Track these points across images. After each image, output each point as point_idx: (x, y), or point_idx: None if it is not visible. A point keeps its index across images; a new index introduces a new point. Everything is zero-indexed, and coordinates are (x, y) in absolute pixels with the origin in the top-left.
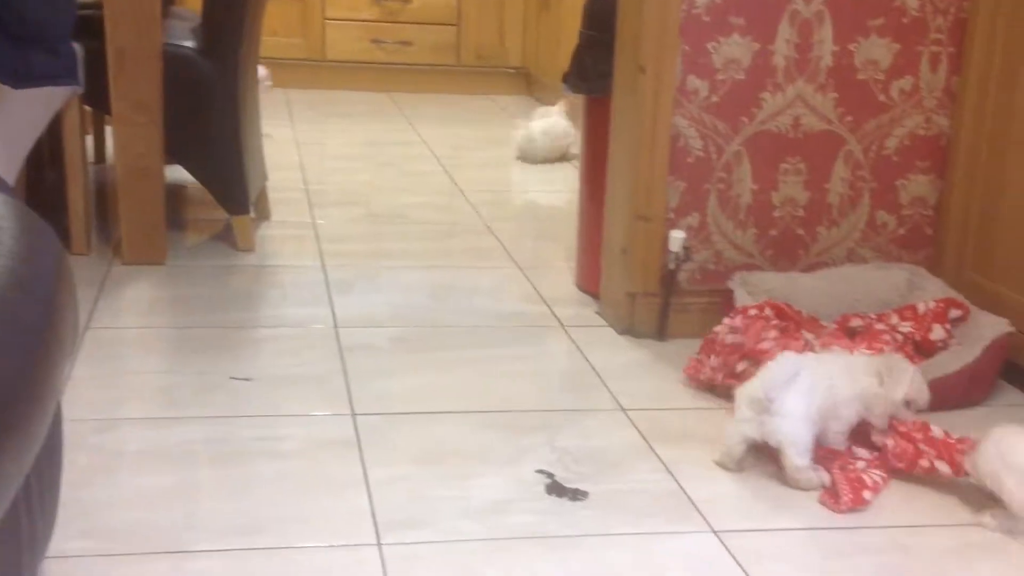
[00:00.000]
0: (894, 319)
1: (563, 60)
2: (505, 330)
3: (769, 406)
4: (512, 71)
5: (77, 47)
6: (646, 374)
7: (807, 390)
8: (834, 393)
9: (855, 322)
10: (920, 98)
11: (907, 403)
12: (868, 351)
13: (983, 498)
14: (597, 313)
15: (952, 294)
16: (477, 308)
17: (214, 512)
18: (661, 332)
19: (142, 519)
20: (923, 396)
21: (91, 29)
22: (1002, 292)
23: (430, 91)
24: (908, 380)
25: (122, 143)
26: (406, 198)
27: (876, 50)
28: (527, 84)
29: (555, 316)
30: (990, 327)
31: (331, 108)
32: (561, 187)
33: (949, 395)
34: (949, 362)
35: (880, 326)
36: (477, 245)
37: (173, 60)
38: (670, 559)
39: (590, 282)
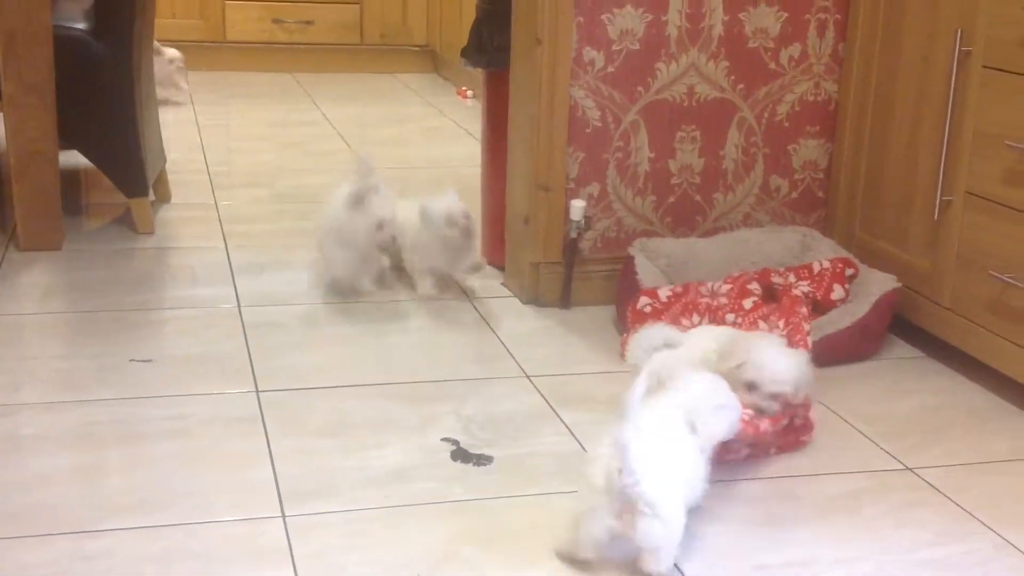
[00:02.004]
0: (791, 278)
1: (466, 37)
2: (411, 304)
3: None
4: (416, 49)
5: None
6: (550, 341)
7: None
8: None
9: (775, 278)
10: (809, 64)
11: (773, 396)
12: (785, 327)
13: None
14: (502, 284)
15: (843, 253)
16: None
17: (116, 491)
18: (565, 300)
19: (42, 501)
20: (783, 385)
21: None
22: (888, 249)
23: (334, 71)
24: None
25: (14, 127)
26: (311, 178)
27: (765, 18)
28: (432, 62)
29: (461, 288)
30: (878, 283)
31: (233, 90)
32: (467, 162)
33: (840, 350)
34: (839, 318)
35: (796, 292)
36: None
37: (65, 42)
38: (571, 517)
39: (495, 254)
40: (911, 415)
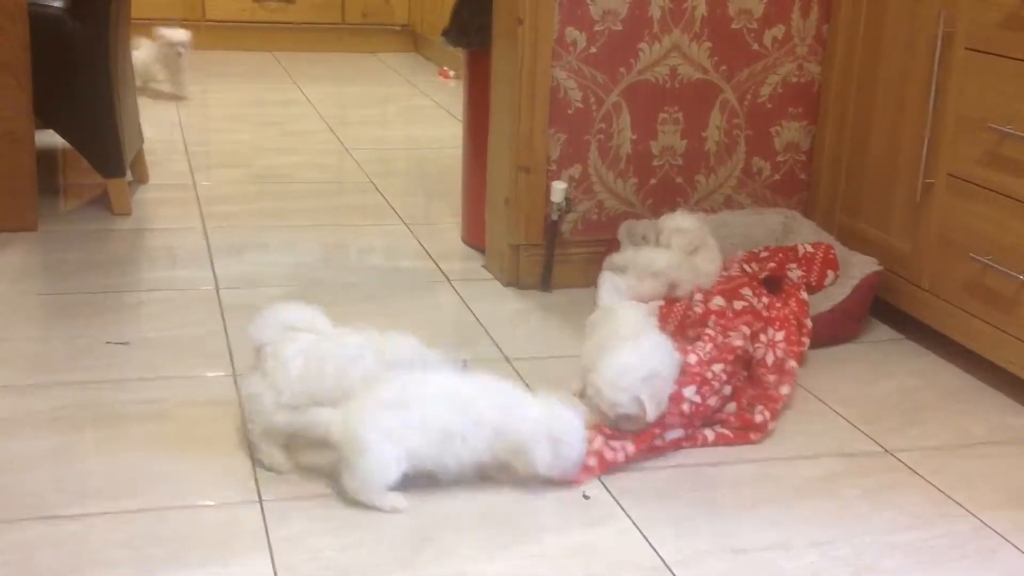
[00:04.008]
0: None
1: (448, 17)
2: (391, 286)
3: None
4: (398, 29)
5: None
6: (530, 324)
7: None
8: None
9: (791, 272)
10: (792, 46)
11: (624, 417)
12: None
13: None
14: (483, 266)
15: (824, 236)
16: (363, 266)
17: (87, 475)
18: (545, 283)
19: (12, 484)
20: (620, 408)
21: None
22: (870, 232)
23: (315, 50)
24: None
25: None
26: (291, 158)
27: None
28: (414, 42)
29: (441, 271)
30: (859, 266)
31: (212, 69)
32: (448, 144)
33: (820, 333)
34: (821, 302)
35: (803, 295)
36: (363, 203)
37: (41, 20)
38: (546, 501)
39: (476, 236)
40: (889, 397)
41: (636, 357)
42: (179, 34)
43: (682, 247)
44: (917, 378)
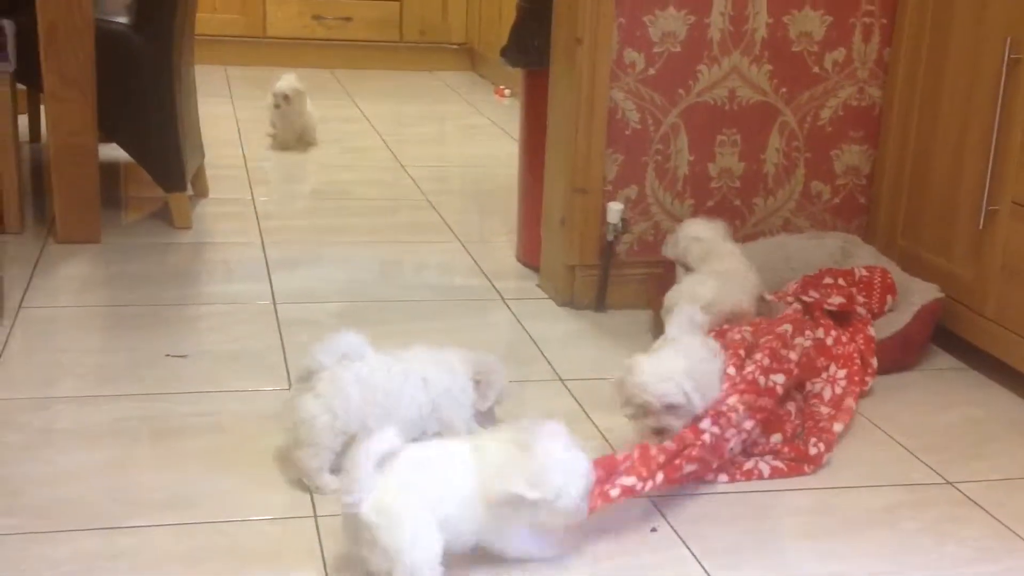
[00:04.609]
0: (840, 281)
1: (506, 36)
2: (446, 304)
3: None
4: (455, 47)
5: (8, 23)
6: (584, 344)
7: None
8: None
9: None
10: (853, 69)
11: (668, 410)
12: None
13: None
14: (537, 286)
15: (883, 261)
16: (418, 283)
17: (146, 487)
18: (600, 303)
19: (72, 496)
20: (665, 398)
21: (22, 4)
22: (931, 258)
23: (372, 68)
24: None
25: (54, 120)
26: (348, 174)
27: (810, 22)
28: (470, 60)
29: (495, 289)
30: (920, 293)
31: (270, 85)
32: (504, 162)
33: (881, 360)
34: (881, 328)
35: (871, 330)
36: (419, 221)
37: (106, 35)
38: (601, 521)
39: (531, 255)
40: (952, 428)
41: (673, 353)
42: (281, 83)
43: (698, 256)
44: (980, 408)
